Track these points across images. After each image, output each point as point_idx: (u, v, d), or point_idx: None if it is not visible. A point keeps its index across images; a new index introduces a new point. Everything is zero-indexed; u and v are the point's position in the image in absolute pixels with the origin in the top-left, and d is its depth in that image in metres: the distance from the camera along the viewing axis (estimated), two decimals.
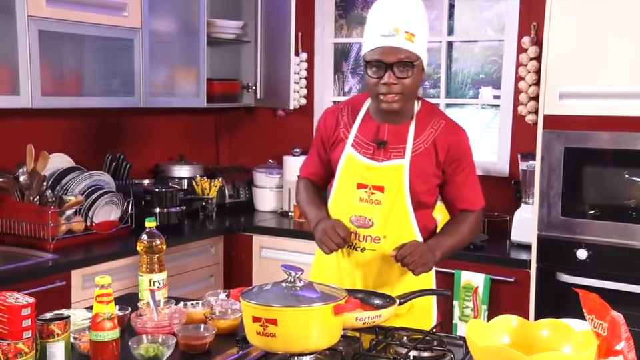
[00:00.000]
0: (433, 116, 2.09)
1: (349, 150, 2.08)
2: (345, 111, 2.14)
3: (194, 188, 3.80)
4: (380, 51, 1.93)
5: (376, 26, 1.96)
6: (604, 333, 1.35)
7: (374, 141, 2.06)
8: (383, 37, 1.92)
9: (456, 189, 2.11)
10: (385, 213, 2.03)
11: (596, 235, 2.75)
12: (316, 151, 2.23)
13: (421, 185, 2.05)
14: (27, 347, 1.56)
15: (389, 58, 1.92)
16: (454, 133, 2.08)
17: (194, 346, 1.76)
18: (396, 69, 1.93)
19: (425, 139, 2.05)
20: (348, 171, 2.08)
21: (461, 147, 2.09)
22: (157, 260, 1.99)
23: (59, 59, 3.07)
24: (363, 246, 2.06)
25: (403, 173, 2.02)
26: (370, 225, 2.04)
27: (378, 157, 2.05)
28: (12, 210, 3.02)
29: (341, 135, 2.11)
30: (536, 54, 3.28)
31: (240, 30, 3.99)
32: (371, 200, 2.04)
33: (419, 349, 1.70)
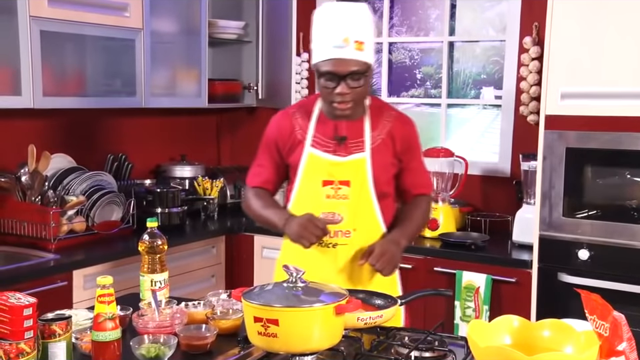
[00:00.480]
0: (384, 109, 2.21)
1: (309, 150, 2.14)
2: (298, 114, 2.20)
3: (195, 188, 3.80)
4: (332, 62, 2.00)
5: (326, 36, 2.01)
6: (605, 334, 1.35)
7: (334, 137, 2.13)
8: (335, 48, 1.98)
9: (411, 176, 2.22)
10: (353, 207, 2.11)
11: (597, 235, 2.75)
12: (269, 158, 2.23)
13: (382, 176, 2.14)
14: (28, 347, 1.56)
15: (341, 69, 1.99)
16: (406, 124, 2.21)
17: (195, 346, 1.76)
18: (349, 79, 2.01)
19: (381, 131, 2.15)
20: (311, 170, 2.14)
21: (413, 136, 2.22)
22: (158, 260, 2.00)
23: (61, 59, 3.07)
24: (334, 242, 2.12)
25: (365, 165, 2.12)
26: (339, 220, 2.11)
27: (340, 152, 2.13)
28: (14, 210, 3.03)
29: (298, 137, 2.16)
30: (537, 54, 3.27)
31: (241, 30, 3.99)
32: (338, 195, 2.10)
33: (421, 349, 1.70)
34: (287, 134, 2.18)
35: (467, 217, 3.49)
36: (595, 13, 2.69)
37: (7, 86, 2.86)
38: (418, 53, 4.03)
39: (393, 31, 4.03)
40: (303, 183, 2.15)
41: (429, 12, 3.99)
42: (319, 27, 2.05)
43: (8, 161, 3.13)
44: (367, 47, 2.01)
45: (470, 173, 3.50)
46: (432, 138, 3.96)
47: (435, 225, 3.34)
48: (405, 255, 3.16)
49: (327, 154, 2.13)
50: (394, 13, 4.02)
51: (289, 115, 2.21)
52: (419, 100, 4.04)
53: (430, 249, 3.21)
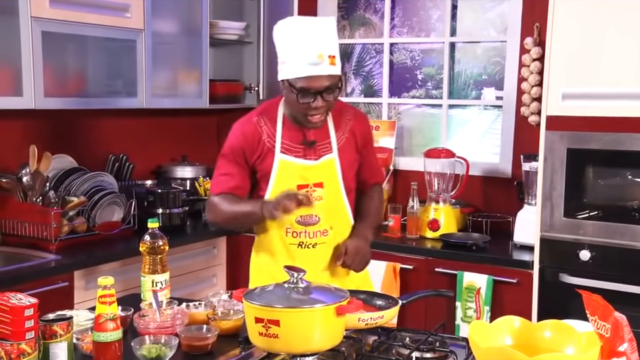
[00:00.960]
0: (342, 109, 2.29)
1: (280, 157, 2.18)
2: (262, 121, 2.21)
3: (196, 189, 3.80)
4: (309, 79, 2.04)
5: (300, 52, 2.04)
6: (607, 334, 1.35)
7: (302, 142, 2.19)
8: (310, 65, 2.02)
9: (369, 168, 2.36)
10: (328, 206, 2.20)
11: (599, 236, 2.74)
12: (235, 166, 2.21)
13: (349, 172, 2.26)
14: (29, 348, 1.56)
15: (317, 86, 2.04)
16: (363, 119, 2.35)
17: (196, 347, 1.76)
18: (324, 94, 2.06)
19: (343, 130, 2.25)
20: (284, 175, 2.17)
21: (370, 130, 2.37)
22: (159, 261, 2.00)
23: (62, 60, 3.07)
24: (314, 242, 2.20)
25: (335, 165, 2.21)
26: (317, 221, 2.19)
27: (310, 156, 2.20)
28: (15, 211, 3.03)
29: (267, 144, 2.19)
30: (539, 55, 3.27)
31: (242, 31, 3.99)
32: (314, 197, 2.13)
33: (422, 349, 1.70)
34: (255, 142, 2.19)
35: (468, 218, 3.49)
36: (595, 14, 2.69)
37: (8, 86, 2.86)
38: (419, 53, 4.03)
39: (394, 32, 4.03)
40: (275, 189, 2.16)
41: (430, 13, 3.99)
42: (289, 42, 2.08)
43: (9, 161, 3.13)
44: (338, 60, 2.08)
45: (471, 173, 3.50)
46: (433, 139, 3.96)
47: (436, 226, 3.34)
48: (407, 255, 3.19)
49: (298, 159, 2.18)
50: (395, 14, 4.02)
51: (253, 123, 2.21)
52: (420, 101, 4.04)
53: (431, 249, 3.21)
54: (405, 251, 3.22)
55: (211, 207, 2.24)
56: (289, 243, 2.20)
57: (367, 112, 4.17)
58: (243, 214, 2.17)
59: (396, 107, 4.10)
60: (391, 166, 3.74)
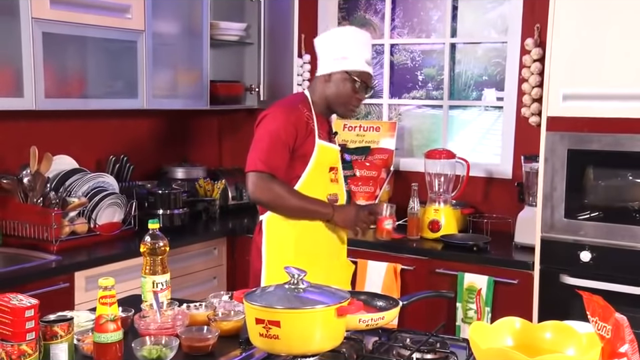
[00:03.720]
0: None
1: (319, 141, 2.49)
2: (304, 108, 2.49)
3: (197, 190, 3.80)
4: (368, 75, 2.52)
5: (363, 52, 2.51)
6: (608, 336, 1.35)
7: (328, 131, 2.58)
8: (367, 64, 2.52)
9: None
10: (339, 187, 2.59)
11: (599, 236, 2.74)
12: (286, 146, 2.41)
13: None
14: (30, 349, 1.56)
15: (370, 82, 2.55)
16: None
17: (197, 348, 1.76)
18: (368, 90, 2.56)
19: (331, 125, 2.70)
20: (322, 157, 2.49)
21: None
22: (160, 262, 2.00)
23: (63, 61, 3.07)
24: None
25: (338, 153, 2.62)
26: (336, 200, 2.55)
27: (333, 143, 2.59)
28: (16, 211, 3.03)
29: (312, 126, 2.48)
30: (539, 55, 3.27)
31: (243, 32, 3.99)
32: (335, 179, 2.56)
33: (422, 351, 1.70)
34: (304, 125, 2.45)
35: (468, 219, 3.49)
36: (596, 15, 2.69)
37: (9, 87, 2.86)
38: (419, 54, 4.03)
39: (394, 33, 4.04)
40: (314, 169, 2.47)
41: (430, 13, 3.99)
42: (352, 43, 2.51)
43: (10, 162, 3.13)
44: None
45: (472, 174, 3.49)
46: (434, 140, 3.96)
47: (436, 227, 3.34)
48: (407, 256, 3.19)
49: (330, 144, 2.55)
50: (395, 15, 4.03)
51: (298, 109, 2.48)
52: (420, 101, 4.04)
53: (431, 250, 3.21)
54: (406, 251, 3.22)
55: (264, 187, 2.39)
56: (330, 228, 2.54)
57: (368, 113, 4.17)
58: (311, 211, 2.47)
59: (396, 107, 4.10)
60: (392, 167, 3.74)
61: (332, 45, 2.52)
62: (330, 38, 2.55)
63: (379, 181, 3.61)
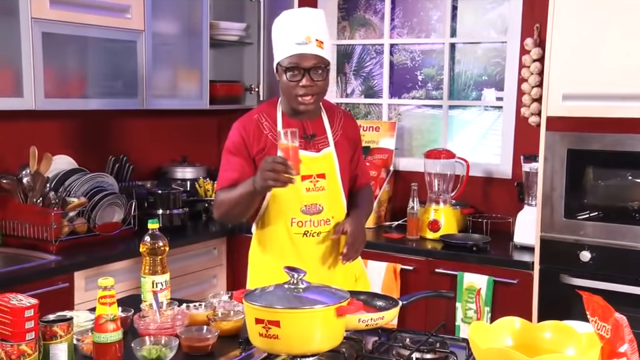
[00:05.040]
0: (332, 107, 2.43)
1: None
2: (262, 118, 2.31)
3: (197, 189, 3.80)
4: (297, 57, 2.17)
5: (289, 35, 2.20)
6: (607, 335, 1.35)
7: (303, 136, 2.27)
8: (298, 45, 2.17)
9: (358, 167, 2.46)
10: (329, 197, 2.30)
11: (599, 236, 2.74)
12: (239, 162, 2.26)
13: (345, 167, 2.36)
14: (30, 349, 1.56)
15: (305, 63, 2.17)
16: (353, 120, 2.49)
17: (197, 347, 1.76)
18: (312, 73, 2.18)
19: (337, 127, 2.37)
20: None
21: (358, 132, 2.50)
22: (159, 261, 2.00)
23: (63, 61, 3.07)
24: (318, 230, 2.29)
25: (333, 158, 2.32)
26: (320, 210, 2.29)
27: (311, 148, 2.29)
28: (15, 211, 3.03)
29: (270, 139, 2.27)
30: (539, 55, 3.27)
31: (243, 32, 3.99)
32: (317, 187, 2.28)
33: (422, 350, 1.70)
34: (257, 137, 2.27)
35: (468, 219, 3.49)
36: (596, 15, 2.69)
37: (8, 87, 2.86)
38: (419, 54, 4.03)
39: (394, 33, 4.04)
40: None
41: (430, 13, 3.99)
42: (280, 29, 2.24)
43: (9, 162, 3.13)
44: (326, 47, 2.21)
45: (471, 174, 3.49)
46: (433, 139, 3.96)
47: (436, 227, 3.34)
48: (407, 256, 3.19)
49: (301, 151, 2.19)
50: (395, 15, 4.03)
51: (254, 120, 2.30)
52: (420, 101, 4.04)
53: (431, 250, 3.21)
54: (405, 251, 3.22)
55: (216, 202, 2.30)
56: (294, 232, 2.27)
57: (367, 113, 4.17)
58: (240, 196, 2.18)
59: (396, 107, 4.10)
60: (391, 167, 3.74)
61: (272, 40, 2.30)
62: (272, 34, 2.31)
63: (378, 180, 3.61)
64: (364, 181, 2.50)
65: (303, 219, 2.26)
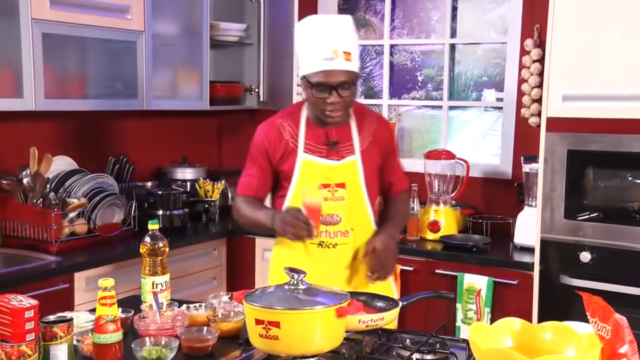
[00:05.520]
0: (365, 113, 2.33)
1: (303, 156, 2.23)
2: (285, 122, 2.27)
3: (197, 190, 3.80)
4: (323, 74, 2.09)
5: (315, 49, 2.10)
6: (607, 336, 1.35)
7: (325, 143, 2.23)
8: (325, 60, 2.08)
9: (393, 174, 2.38)
10: (349, 207, 2.22)
11: (599, 237, 2.74)
12: (258, 167, 2.29)
13: (372, 176, 2.27)
14: (30, 350, 1.56)
15: (332, 80, 2.09)
16: (386, 125, 2.39)
17: (197, 348, 1.76)
18: (340, 89, 2.11)
19: (366, 134, 2.27)
20: (307, 174, 2.22)
21: (393, 136, 2.41)
22: (159, 262, 2.00)
23: (63, 62, 3.07)
24: (334, 242, 2.22)
25: (357, 167, 2.24)
26: (338, 221, 2.21)
27: (333, 157, 2.23)
28: (15, 212, 3.03)
29: (290, 145, 2.24)
30: (539, 56, 3.27)
31: (243, 32, 3.99)
32: (335, 197, 2.20)
33: (422, 351, 1.70)
34: (277, 143, 2.25)
35: (468, 219, 3.49)
36: (596, 15, 2.69)
37: (8, 88, 2.86)
38: (419, 55, 4.03)
39: (394, 33, 4.04)
40: (298, 188, 2.21)
41: (430, 14, 3.99)
42: (306, 39, 2.14)
43: (10, 163, 3.13)
44: (354, 57, 2.13)
45: (471, 175, 3.49)
46: (433, 140, 3.96)
47: (436, 227, 3.34)
48: (407, 257, 3.18)
49: (321, 159, 2.22)
50: (395, 15, 4.03)
51: (276, 125, 2.28)
52: (420, 102, 4.04)
53: (431, 251, 3.21)
54: (405, 252, 3.22)
55: (234, 207, 2.34)
56: (309, 242, 2.20)
57: None
58: (258, 223, 2.24)
59: (396, 108, 4.10)
60: None
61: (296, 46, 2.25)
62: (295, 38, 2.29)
63: None
64: (400, 188, 2.42)
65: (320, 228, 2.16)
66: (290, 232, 2.06)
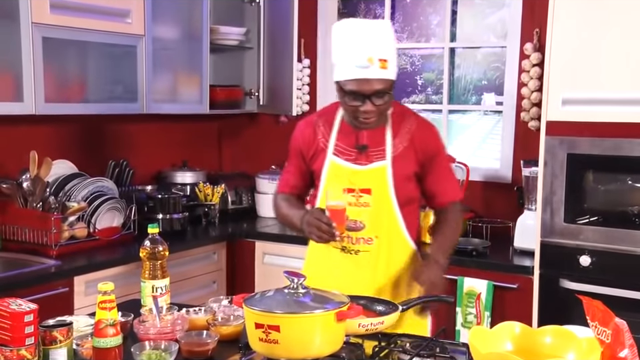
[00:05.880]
0: (406, 116, 2.19)
1: (331, 158, 2.17)
2: (320, 121, 2.23)
3: (197, 194, 3.80)
4: (357, 82, 2.01)
5: (349, 55, 2.01)
6: (607, 340, 1.35)
7: (355, 146, 2.15)
8: (359, 68, 1.99)
9: (436, 183, 2.20)
10: (374, 214, 2.12)
11: (599, 241, 2.74)
12: (295, 165, 2.28)
13: (404, 184, 2.14)
14: (29, 354, 1.56)
15: (366, 89, 2.01)
16: (427, 130, 2.20)
17: (196, 352, 1.76)
18: (374, 98, 2.03)
19: (402, 139, 2.15)
20: (333, 177, 2.16)
21: (436, 143, 2.20)
22: (159, 266, 1.99)
23: (63, 66, 3.07)
24: (357, 248, 2.15)
25: (386, 173, 2.12)
26: (361, 227, 2.13)
27: (361, 161, 2.14)
28: (15, 216, 3.03)
29: (320, 145, 2.20)
30: (538, 60, 3.28)
31: (243, 36, 4.00)
32: (360, 203, 2.12)
33: (422, 355, 1.70)
34: (310, 142, 2.22)
35: (468, 223, 3.48)
36: (595, 19, 2.69)
37: (8, 92, 2.86)
38: (419, 59, 4.03)
39: None
40: (325, 190, 2.15)
41: (430, 18, 3.99)
42: (341, 44, 2.05)
43: (9, 167, 3.13)
44: (390, 64, 2.03)
45: (471, 179, 3.49)
46: None
47: None
48: None
49: (347, 162, 2.15)
50: (395, 19, 4.03)
51: (312, 123, 2.24)
52: (420, 106, 4.04)
53: None
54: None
55: (273, 203, 2.33)
56: (333, 246, 2.15)
57: None
58: (290, 222, 2.21)
59: None
60: None
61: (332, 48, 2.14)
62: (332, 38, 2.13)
63: None
64: (444, 200, 2.22)
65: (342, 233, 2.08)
66: (313, 233, 2.02)
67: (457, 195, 2.27)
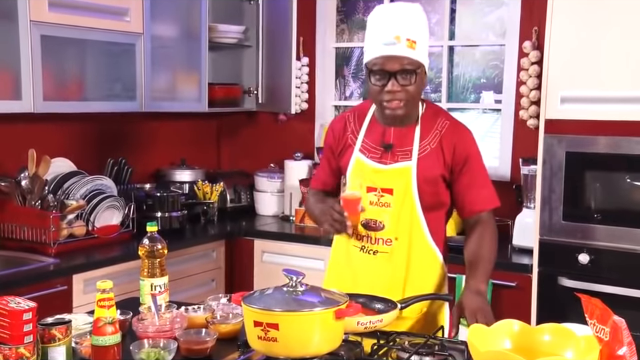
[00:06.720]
0: (438, 117, 2.10)
1: (357, 155, 2.11)
2: (352, 117, 2.18)
3: (195, 192, 3.80)
4: (382, 59, 1.95)
5: (377, 34, 1.97)
6: (606, 338, 1.35)
7: (380, 144, 2.08)
8: (385, 45, 1.94)
9: (467, 191, 2.09)
10: (395, 215, 2.04)
11: (597, 239, 2.74)
12: (326, 160, 2.26)
13: (429, 186, 2.04)
14: (28, 352, 1.56)
15: (391, 66, 1.94)
16: (459, 133, 2.10)
17: (195, 350, 1.76)
18: (399, 77, 1.95)
19: (431, 140, 2.06)
20: (357, 175, 2.10)
21: (467, 147, 2.09)
22: (158, 264, 1.99)
23: (61, 64, 3.07)
24: (375, 249, 2.08)
25: (410, 174, 2.03)
26: (381, 228, 2.06)
27: (385, 160, 2.07)
28: (14, 214, 3.03)
29: (349, 141, 2.15)
30: (537, 58, 3.28)
31: (241, 35, 4.00)
32: (381, 203, 2.05)
33: (421, 353, 1.70)
34: (340, 137, 2.18)
35: None
36: (594, 18, 2.69)
37: (7, 90, 2.86)
38: None
39: None
40: (350, 187, 2.09)
41: (428, 16, 3.97)
42: (372, 26, 2.01)
43: (8, 165, 3.13)
44: (420, 46, 1.96)
45: None
46: None
47: None
48: None
49: (371, 160, 2.08)
50: None
51: (344, 119, 2.20)
52: None
53: None
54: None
55: (306, 200, 2.36)
56: (352, 244, 2.12)
57: None
58: (313, 216, 2.19)
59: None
60: None
61: None
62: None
63: None
64: (475, 209, 2.11)
65: (362, 232, 2.07)
66: (326, 222, 1.98)
67: (489, 203, 2.16)
